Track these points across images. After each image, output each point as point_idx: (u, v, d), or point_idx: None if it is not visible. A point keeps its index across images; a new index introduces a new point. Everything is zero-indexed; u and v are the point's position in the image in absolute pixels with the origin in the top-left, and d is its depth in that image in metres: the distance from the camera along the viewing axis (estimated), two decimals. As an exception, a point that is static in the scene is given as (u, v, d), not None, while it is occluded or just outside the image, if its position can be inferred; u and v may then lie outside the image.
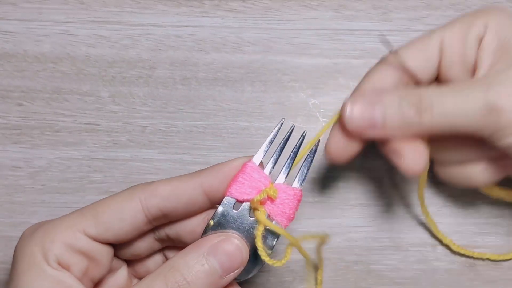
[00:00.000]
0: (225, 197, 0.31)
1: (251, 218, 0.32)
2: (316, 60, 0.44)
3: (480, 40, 0.33)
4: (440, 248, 0.41)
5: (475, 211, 0.41)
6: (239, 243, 0.30)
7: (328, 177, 0.42)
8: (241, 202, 0.32)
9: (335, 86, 0.43)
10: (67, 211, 0.40)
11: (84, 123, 0.42)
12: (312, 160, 0.34)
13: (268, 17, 0.44)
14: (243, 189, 0.32)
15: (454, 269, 0.41)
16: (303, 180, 0.33)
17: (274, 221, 0.32)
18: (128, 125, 0.42)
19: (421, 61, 0.33)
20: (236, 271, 0.30)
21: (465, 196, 0.41)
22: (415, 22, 0.44)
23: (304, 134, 0.34)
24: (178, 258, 0.29)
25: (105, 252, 0.31)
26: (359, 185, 0.42)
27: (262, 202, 0.31)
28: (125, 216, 0.30)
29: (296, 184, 0.33)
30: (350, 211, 0.41)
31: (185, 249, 0.30)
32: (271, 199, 0.32)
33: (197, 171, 0.32)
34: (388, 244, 0.41)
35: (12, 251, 0.40)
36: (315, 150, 0.34)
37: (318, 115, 0.43)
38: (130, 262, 0.34)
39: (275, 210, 0.32)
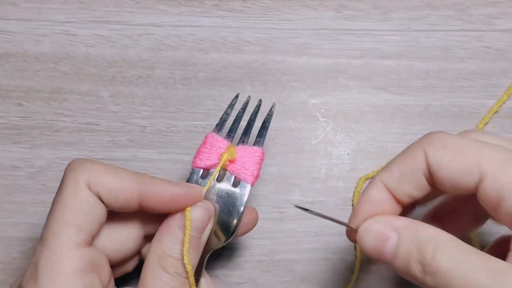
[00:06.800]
0: (192, 169, 0.33)
1: (217, 184, 0.33)
2: (316, 60, 0.44)
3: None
4: (440, 248, 0.41)
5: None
6: (202, 204, 0.32)
7: (328, 177, 0.42)
8: (207, 169, 0.34)
9: (335, 86, 0.43)
10: (67, 211, 0.40)
11: (84, 123, 0.42)
12: (269, 121, 0.36)
13: (268, 17, 0.44)
14: (206, 157, 0.34)
15: (454, 269, 0.41)
16: (263, 141, 0.35)
17: (240, 181, 0.34)
18: (128, 125, 0.42)
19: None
20: (209, 226, 0.32)
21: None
22: (415, 22, 0.44)
23: (259, 103, 0.36)
24: (164, 246, 0.30)
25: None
26: (359, 185, 0.42)
27: (225, 166, 0.34)
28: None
29: (257, 145, 0.35)
30: (351, 211, 0.41)
31: (160, 234, 0.31)
32: (232, 160, 0.34)
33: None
34: (388, 244, 0.41)
35: (12, 251, 0.40)
36: (272, 113, 0.36)
37: (318, 115, 0.43)
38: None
39: (237, 168, 0.34)
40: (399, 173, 0.30)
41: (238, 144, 0.35)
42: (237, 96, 0.36)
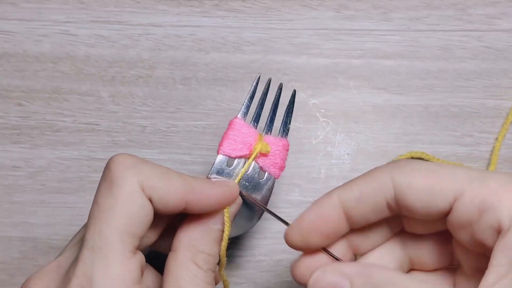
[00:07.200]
0: (218, 156, 0.33)
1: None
2: (316, 60, 0.44)
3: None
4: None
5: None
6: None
7: (328, 177, 0.42)
8: (234, 158, 0.33)
9: (335, 86, 0.43)
10: (67, 211, 0.41)
11: (84, 123, 0.42)
12: (292, 110, 0.35)
13: (268, 17, 0.44)
14: (235, 145, 0.33)
15: (454, 269, 0.41)
16: (288, 130, 0.35)
17: (267, 173, 0.33)
18: (128, 125, 0.42)
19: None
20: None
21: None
22: (415, 22, 0.44)
23: (280, 87, 0.35)
24: (197, 242, 0.30)
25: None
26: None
27: (256, 157, 0.33)
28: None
29: (281, 135, 0.35)
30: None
31: (192, 230, 0.30)
32: (263, 154, 0.33)
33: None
34: (388, 244, 0.41)
35: (12, 251, 0.40)
36: (293, 101, 0.35)
37: (318, 115, 0.43)
38: None
39: (267, 162, 0.34)
40: (359, 193, 0.29)
41: (264, 132, 0.34)
42: (258, 78, 0.35)
